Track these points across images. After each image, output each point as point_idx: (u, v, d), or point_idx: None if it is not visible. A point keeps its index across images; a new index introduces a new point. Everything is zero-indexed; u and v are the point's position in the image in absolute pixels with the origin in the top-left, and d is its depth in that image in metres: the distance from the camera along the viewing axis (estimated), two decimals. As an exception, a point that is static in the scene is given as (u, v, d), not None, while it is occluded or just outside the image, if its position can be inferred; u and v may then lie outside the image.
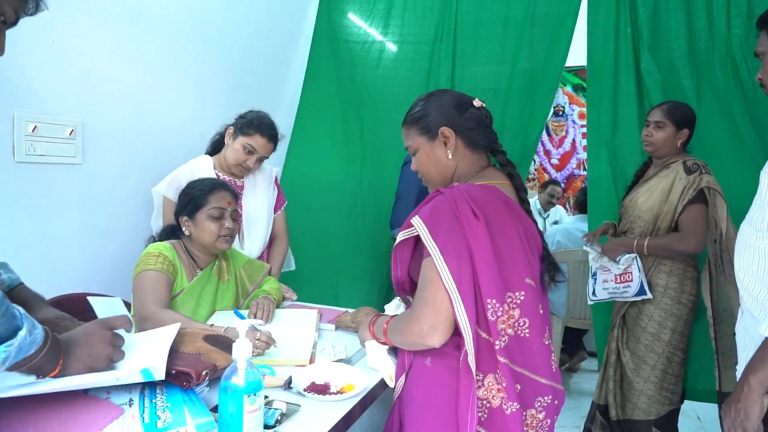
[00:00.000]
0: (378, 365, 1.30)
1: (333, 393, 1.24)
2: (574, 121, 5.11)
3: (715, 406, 2.22)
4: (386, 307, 1.46)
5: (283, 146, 3.21)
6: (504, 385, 1.10)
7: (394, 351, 1.29)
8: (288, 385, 1.25)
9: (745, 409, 1.17)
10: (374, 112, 3.08)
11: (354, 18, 3.25)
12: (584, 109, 4.93)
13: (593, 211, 2.75)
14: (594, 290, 2.28)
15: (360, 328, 1.41)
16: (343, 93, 3.19)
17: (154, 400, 1.03)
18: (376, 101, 3.11)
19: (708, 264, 2.11)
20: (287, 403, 1.15)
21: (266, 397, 1.16)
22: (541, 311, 1.19)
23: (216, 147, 2.21)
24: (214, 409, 1.07)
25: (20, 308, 0.87)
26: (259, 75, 2.94)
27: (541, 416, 1.17)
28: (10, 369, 0.86)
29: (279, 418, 1.09)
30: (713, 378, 2.10)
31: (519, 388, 1.13)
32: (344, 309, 1.88)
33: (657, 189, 2.13)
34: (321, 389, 1.25)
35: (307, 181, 3.13)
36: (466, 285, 1.07)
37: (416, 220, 1.14)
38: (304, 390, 1.23)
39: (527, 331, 1.15)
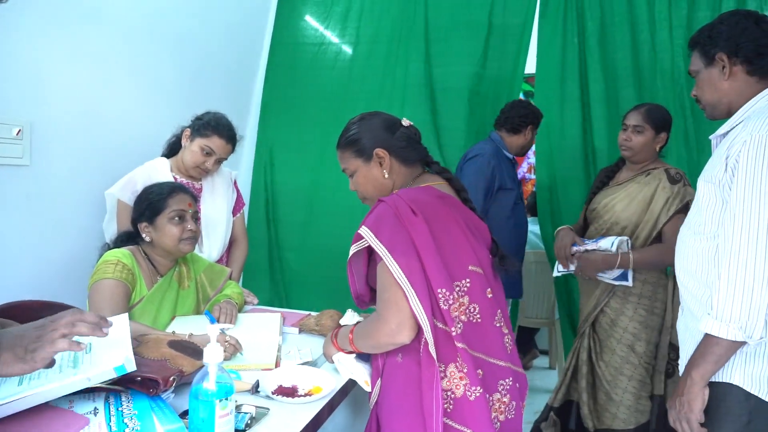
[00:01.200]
0: (351, 374, 1.32)
1: (301, 395, 1.25)
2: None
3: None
4: (341, 321, 1.49)
5: (245, 151, 3.21)
6: (465, 371, 1.15)
7: (361, 357, 1.31)
8: (255, 389, 1.25)
9: (688, 402, 1.23)
10: (332, 114, 3.09)
11: (311, 20, 3.25)
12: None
13: (542, 213, 2.86)
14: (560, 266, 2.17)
15: (323, 345, 1.42)
16: (301, 98, 3.21)
17: (120, 408, 1.01)
18: (332, 102, 3.12)
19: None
20: (256, 407, 1.15)
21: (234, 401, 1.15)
22: (490, 295, 1.24)
23: (172, 149, 2.16)
24: (182, 415, 1.05)
25: None
26: (218, 77, 2.89)
27: (506, 399, 1.22)
28: None
29: (249, 422, 1.09)
30: None
31: (481, 373, 1.18)
32: (307, 312, 1.88)
33: (637, 197, 2.06)
34: (289, 392, 1.25)
35: (273, 190, 3.17)
36: (418, 279, 1.13)
37: (363, 230, 1.20)
38: (272, 393, 1.23)
39: (478, 316, 1.21)
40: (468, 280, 1.21)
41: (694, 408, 1.23)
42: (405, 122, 1.38)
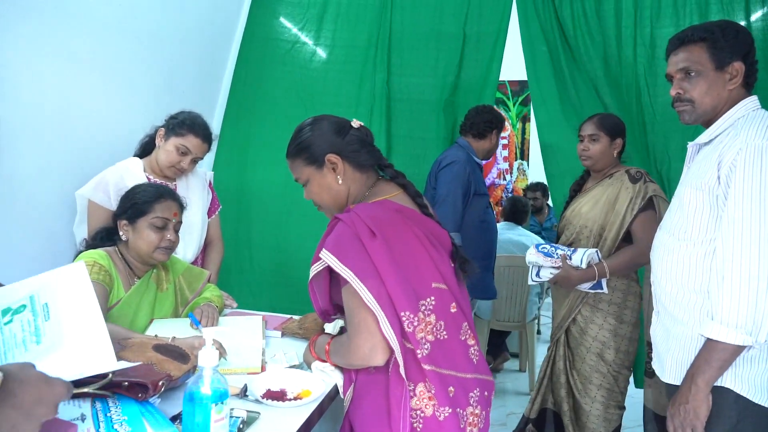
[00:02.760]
0: (333, 381, 1.31)
1: (291, 399, 1.23)
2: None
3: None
4: (325, 326, 1.47)
5: (212, 151, 3.14)
6: (433, 392, 1.15)
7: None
8: (244, 393, 1.23)
9: (694, 409, 1.23)
10: (304, 111, 3.05)
11: (285, 22, 3.22)
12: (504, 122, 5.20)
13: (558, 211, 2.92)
14: (539, 272, 2.18)
15: (304, 352, 1.41)
16: (272, 94, 3.13)
17: (108, 414, 0.97)
18: (305, 100, 3.08)
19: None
20: (247, 411, 1.13)
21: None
22: (454, 310, 1.23)
23: (145, 149, 2.10)
24: (171, 420, 1.03)
25: None
26: (190, 76, 2.83)
27: (477, 411, 1.22)
28: None
29: (241, 426, 1.07)
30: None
31: (453, 390, 1.17)
32: (288, 315, 1.86)
33: (602, 199, 2.10)
34: (278, 396, 1.24)
35: (238, 188, 3.08)
36: (385, 301, 1.12)
37: (324, 254, 1.17)
38: (261, 397, 1.21)
39: (444, 333, 1.20)
40: (432, 297, 1.19)
41: (700, 415, 1.23)
42: (355, 123, 1.32)
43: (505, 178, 5.27)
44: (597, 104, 2.84)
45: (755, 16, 2.82)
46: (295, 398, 1.24)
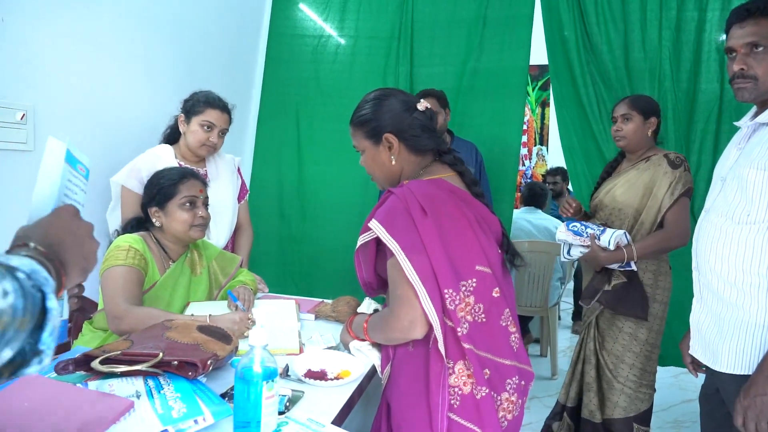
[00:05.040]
0: (369, 360, 1.33)
1: (331, 379, 1.25)
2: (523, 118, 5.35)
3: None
4: (359, 309, 1.49)
5: (246, 147, 3.19)
6: (472, 370, 1.15)
7: (378, 344, 1.33)
8: (286, 372, 1.25)
9: None
10: (333, 109, 3.09)
11: (307, 10, 3.23)
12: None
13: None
14: (569, 250, 2.17)
15: (341, 332, 1.44)
16: (302, 93, 3.21)
17: (162, 391, 1.00)
18: (334, 97, 3.12)
19: None
20: (291, 390, 1.15)
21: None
22: (496, 294, 1.23)
23: (169, 140, 2.13)
24: (224, 396, 1.05)
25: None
26: (216, 67, 2.85)
27: (513, 398, 1.22)
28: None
29: (287, 404, 1.09)
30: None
31: (488, 373, 1.18)
32: (320, 299, 1.88)
33: (638, 182, 2.08)
34: (319, 376, 1.26)
35: (275, 185, 3.18)
36: (429, 277, 1.13)
37: (374, 224, 1.18)
38: (303, 376, 1.23)
39: (483, 316, 1.20)
40: (474, 280, 1.20)
41: None
42: (421, 105, 1.29)
43: (524, 164, 5.25)
44: (619, 90, 2.81)
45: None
46: (336, 378, 1.26)
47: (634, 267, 2.06)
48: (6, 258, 0.57)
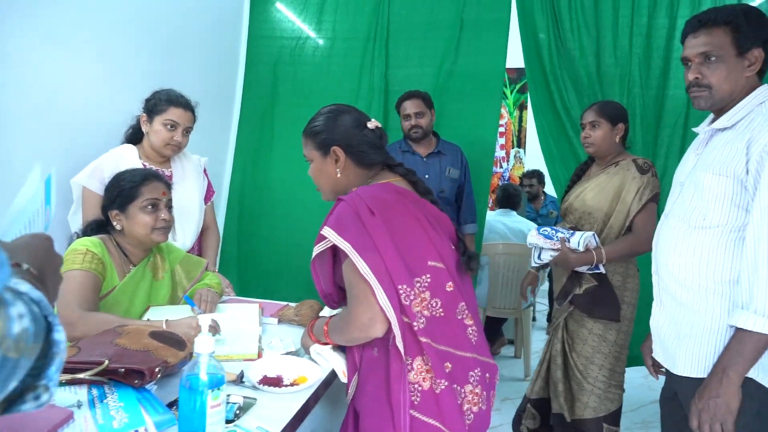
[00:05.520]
0: (329, 365, 1.33)
1: (287, 385, 1.24)
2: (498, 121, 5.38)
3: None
4: (321, 313, 1.47)
5: (229, 148, 3.18)
6: (430, 365, 1.17)
7: (339, 348, 1.33)
8: (240, 379, 1.24)
9: (726, 403, 1.18)
10: (309, 111, 3.05)
11: (285, 10, 3.21)
12: (501, 110, 5.20)
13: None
14: (540, 254, 2.21)
15: (302, 337, 1.43)
16: (282, 95, 3.21)
17: (105, 401, 0.98)
18: (310, 98, 3.11)
19: None
20: (243, 397, 1.14)
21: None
22: (450, 289, 1.25)
23: (131, 140, 2.10)
24: (168, 406, 1.03)
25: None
26: (192, 64, 2.81)
27: (478, 390, 1.24)
28: None
29: (237, 412, 1.08)
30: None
31: (450, 366, 1.20)
32: (285, 303, 1.86)
33: (607, 187, 2.11)
34: (274, 382, 1.24)
35: (256, 189, 3.16)
36: (383, 275, 1.15)
37: (326, 231, 1.22)
38: (258, 383, 1.22)
39: (441, 310, 1.23)
40: (428, 275, 1.23)
41: (732, 408, 1.18)
42: (371, 124, 1.36)
43: (501, 166, 5.28)
44: (591, 95, 2.84)
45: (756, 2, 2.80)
46: (292, 384, 1.25)
47: (602, 270, 2.09)
48: (14, 282, 0.53)
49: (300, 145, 2.97)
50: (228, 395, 1.13)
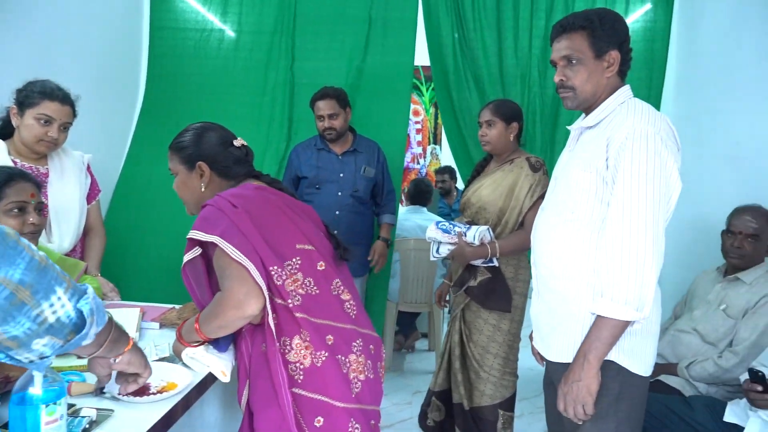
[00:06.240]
0: (206, 368, 1.29)
1: (153, 393, 1.18)
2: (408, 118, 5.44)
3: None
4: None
5: (128, 144, 3.00)
6: (309, 339, 1.23)
7: (215, 346, 1.29)
8: (100, 390, 1.16)
9: (587, 386, 1.25)
10: (216, 106, 2.96)
11: (189, 0, 3.08)
12: (417, 107, 5.27)
13: None
14: (438, 248, 2.27)
15: (173, 343, 1.37)
16: (186, 89, 3.06)
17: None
18: (216, 94, 3.01)
19: None
20: (98, 409, 1.07)
21: (73, 405, 1.07)
22: (321, 267, 1.32)
23: (1, 134, 1.92)
24: (5, 426, 0.95)
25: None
26: (87, 58, 2.63)
27: (362, 359, 1.30)
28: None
29: (87, 426, 1.01)
30: None
31: (332, 338, 1.27)
32: (170, 305, 1.78)
33: (502, 183, 2.20)
34: (139, 391, 1.18)
35: (152, 185, 2.98)
36: (254, 256, 1.20)
37: (193, 233, 1.24)
38: (119, 394, 1.15)
39: (315, 288, 1.29)
40: (298, 258, 1.29)
41: (592, 391, 1.25)
42: (237, 142, 1.42)
43: (418, 162, 5.36)
44: (493, 94, 2.93)
45: (634, 16, 3.01)
46: (159, 392, 1.19)
47: (496, 263, 2.18)
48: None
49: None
50: (80, 409, 1.06)
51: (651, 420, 1.77)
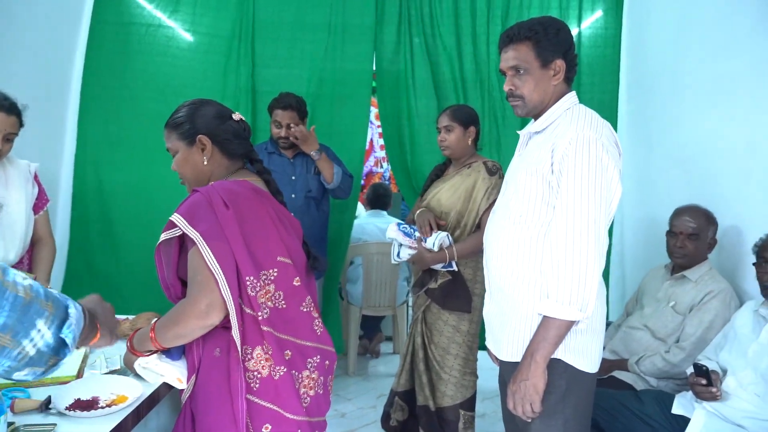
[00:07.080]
0: (160, 377, 1.26)
1: (102, 407, 1.15)
2: (371, 122, 5.44)
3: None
4: None
5: (66, 146, 2.89)
6: (270, 353, 1.23)
7: (168, 356, 1.27)
8: (46, 406, 1.13)
9: (534, 385, 1.29)
10: (166, 107, 2.89)
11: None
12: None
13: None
14: (399, 252, 2.30)
15: (124, 356, 1.34)
16: (130, 86, 2.98)
17: None
18: (167, 95, 2.94)
19: None
20: (39, 425, 1.03)
21: (12, 423, 1.03)
22: (296, 283, 1.33)
23: None
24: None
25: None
26: (23, 57, 2.53)
27: (314, 376, 1.32)
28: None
29: (29, 443, 0.98)
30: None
31: (290, 354, 1.27)
32: (125, 316, 1.74)
33: (460, 188, 2.24)
34: (87, 405, 1.15)
35: (101, 189, 2.92)
36: (229, 266, 1.18)
37: (176, 218, 1.22)
38: (66, 409, 1.12)
39: (283, 302, 1.29)
40: (275, 269, 1.28)
41: (539, 389, 1.29)
42: (236, 116, 1.40)
43: (382, 166, 5.38)
44: (454, 99, 2.98)
45: (586, 23, 3.11)
46: (109, 405, 1.16)
47: (455, 267, 2.22)
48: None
49: (155, 142, 2.82)
50: (18, 427, 1.03)
51: (603, 414, 1.83)
